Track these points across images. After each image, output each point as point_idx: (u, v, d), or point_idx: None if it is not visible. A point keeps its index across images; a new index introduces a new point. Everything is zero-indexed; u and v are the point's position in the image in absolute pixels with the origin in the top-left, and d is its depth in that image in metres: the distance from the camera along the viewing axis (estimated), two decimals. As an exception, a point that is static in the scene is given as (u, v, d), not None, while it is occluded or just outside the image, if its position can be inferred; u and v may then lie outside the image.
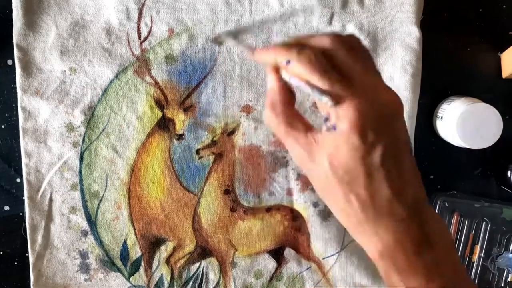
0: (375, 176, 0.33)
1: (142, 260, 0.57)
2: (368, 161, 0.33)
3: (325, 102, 0.33)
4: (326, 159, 0.34)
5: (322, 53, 0.34)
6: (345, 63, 0.34)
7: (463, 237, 0.57)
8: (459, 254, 0.57)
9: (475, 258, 0.57)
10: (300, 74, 0.34)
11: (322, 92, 0.33)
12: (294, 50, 0.34)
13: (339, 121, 0.33)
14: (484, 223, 0.57)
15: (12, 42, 0.53)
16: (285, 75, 0.35)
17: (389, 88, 0.35)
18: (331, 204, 0.37)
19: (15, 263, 0.57)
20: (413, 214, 0.34)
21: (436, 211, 0.57)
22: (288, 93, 0.36)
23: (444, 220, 0.56)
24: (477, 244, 0.57)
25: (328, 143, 0.34)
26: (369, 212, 0.34)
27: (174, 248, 0.57)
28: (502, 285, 0.57)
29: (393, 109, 0.34)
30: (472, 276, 0.58)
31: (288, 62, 0.34)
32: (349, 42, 0.35)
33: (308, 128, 0.36)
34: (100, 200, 0.55)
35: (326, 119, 0.34)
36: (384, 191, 0.33)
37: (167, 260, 0.57)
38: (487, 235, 0.57)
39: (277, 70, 0.36)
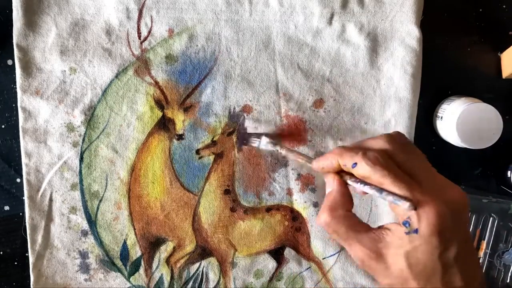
0: (451, 270, 0.35)
1: (142, 260, 0.57)
2: (445, 258, 0.35)
3: (405, 208, 0.34)
4: (402, 257, 0.35)
5: (386, 155, 0.36)
6: (407, 163, 0.36)
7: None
8: None
9: (481, 254, 0.57)
10: (366, 176, 0.35)
11: (400, 197, 0.34)
12: (360, 152, 0.36)
13: (420, 224, 0.34)
14: (491, 218, 0.57)
15: (12, 42, 0.53)
16: (352, 182, 0.36)
17: (453, 184, 0.37)
18: None
19: (15, 263, 0.57)
20: None
21: None
22: (348, 196, 0.37)
23: None
24: (484, 240, 0.57)
25: (404, 242, 0.35)
26: None
27: (174, 248, 0.57)
28: (508, 281, 0.57)
29: (463, 205, 0.36)
30: (478, 272, 0.58)
31: (355, 164, 0.36)
32: (400, 140, 0.37)
33: (368, 228, 0.37)
34: (100, 200, 0.55)
35: (407, 222, 0.35)
36: (457, 283, 0.36)
37: (167, 260, 0.57)
38: (494, 231, 0.57)
39: (336, 173, 0.37)
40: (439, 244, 0.34)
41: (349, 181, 0.37)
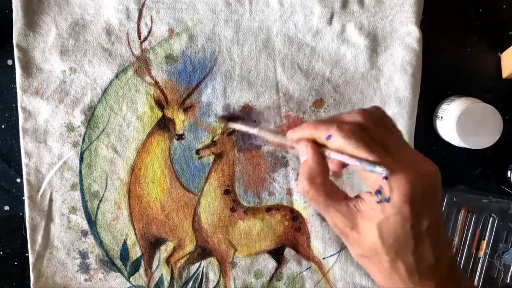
0: (422, 244, 0.35)
1: (142, 260, 0.57)
2: (417, 230, 0.35)
3: (379, 172, 0.34)
4: (374, 228, 0.35)
5: (360, 128, 0.36)
6: (381, 137, 0.36)
7: (469, 233, 0.57)
8: (465, 249, 0.58)
9: (481, 254, 0.57)
10: (340, 148, 0.36)
11: (374, 163, 0.34)
12: (334, 125, 0.36)
13: (392, 193, 0.34)
14: (491, 218, 0.57)
15: (12, 42, 0.53)
16: (328, 152, 0.37)
17: (427, 160, 0.37)
18: (374, 271, 0.38)
19: (15, 263, 0.57)
20: (449, 277, 0.37)
21: (444, 206, 0.57)
22: (324, 164, 0.37)
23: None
24: (484, 239, 0.57)
25: (376, 213, 0.35)
26: (415, 277, 0.36)
27: (174, 248, 0.57)
28: (508, 281, 0.57)
29: (435, 179, 0.36)
30: (478, 272, 0.58)
31: (329, 137, 0.36)
32: (377, 116, 0.38)
33: (345, 196, 0.37)
34: (100, 200, 0.55)
35: (378, 191, 0.35)
36: (429, 257, 0.36)
37: (167, 260, 0.57)
38: (494, 231, 0.57)
39: (312, 143, 0.38)
40: (411, 215, 0.34)
41: (326, 152, 0.37)
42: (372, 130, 0.36)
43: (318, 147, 0.38)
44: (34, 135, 0.54)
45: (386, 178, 0.34)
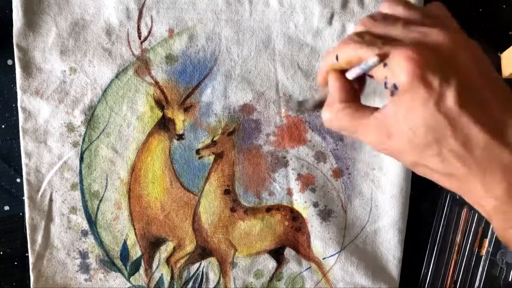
0: (460, 122, 0.29)
1: (142, 260, 0.57)
2: (445, 108, 0.29)
3: (371, 63, 0.31)
4: (405, 126, 0.30)
5: (355, 34, 0.33)
6: (385, 30, 0.33)
7: (472, 231, 0.57)
8: (467, 247, 0.57)
9: (483, 252, 0.57)
10: (350, 59, 0.33)
11: (368, 57, 0.31)
12: (336, 47, 0.35)
13: (396, 77, 0.30)
14: None
15: (12, 42, 0.53)
16: (347, 74, 0.35)
17: (441, 26, 0.32)
18: (428, 173, 0.32)
19: (15, 263, 0.57)
20: None
21: (445, 204, 0.57)
22: (345, 88, 0.35)
23: None
24: (486, 238, 0.57)
25: (398, 109, 0.30)
26: (471, 165, 0.29)
27: (174, 248, 0.57)
28: (510, 279, 0.57)
29: (448, 44, 0.30)
30: (480, 270, 0.57)
31: (337, 58, 0.34)
32: (378, 15, 0.34)
33: (371, 110, 0.34)
34: (100, 200, 0.55)
35: (385, 83, 0.31)
36: (478, 136, 0.29)
37: (167, 260, 0.57)
38: None
39: (331, 72, 0.36)
40: (429, 93, 0.29)
41: (346, 75, 0.35)
42: (372, 28, 0.33)
43: (337, 73, 0.35)
44: (34, 135, 0.54)
45: (385, 65, 0.30)
